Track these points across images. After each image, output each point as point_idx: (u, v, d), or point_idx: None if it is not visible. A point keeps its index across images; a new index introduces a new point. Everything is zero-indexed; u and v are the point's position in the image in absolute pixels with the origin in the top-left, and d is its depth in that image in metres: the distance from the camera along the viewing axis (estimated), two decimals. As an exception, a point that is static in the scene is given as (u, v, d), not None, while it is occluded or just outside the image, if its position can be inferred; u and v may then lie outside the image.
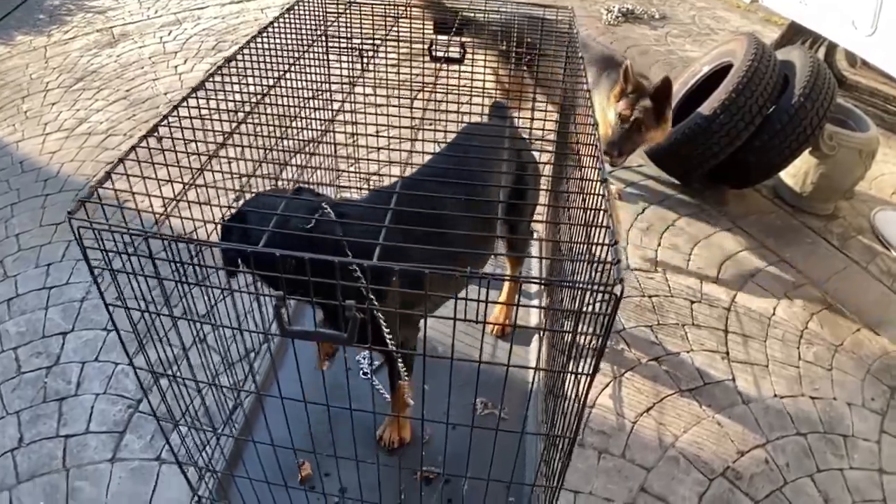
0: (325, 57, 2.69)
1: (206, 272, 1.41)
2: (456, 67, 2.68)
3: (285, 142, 2.18)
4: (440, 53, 2.59)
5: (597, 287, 1.21)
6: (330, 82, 2.73)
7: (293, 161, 2.26)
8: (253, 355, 2.34)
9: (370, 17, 2.62)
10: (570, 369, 1.44)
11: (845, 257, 3.34)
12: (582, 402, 1.43)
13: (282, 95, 2.13)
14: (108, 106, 4.64)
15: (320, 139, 1.94)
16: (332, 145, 2.78)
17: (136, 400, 2.50)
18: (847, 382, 2.68)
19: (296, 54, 2.32)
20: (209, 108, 1.87)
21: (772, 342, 2.83)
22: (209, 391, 1.85)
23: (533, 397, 2.37)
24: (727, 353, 2.76)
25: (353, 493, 1.79)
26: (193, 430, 1.86)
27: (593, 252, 1.40)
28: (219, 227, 1.58)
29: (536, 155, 2.39)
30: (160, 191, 1.53)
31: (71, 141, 4.23)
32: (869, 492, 2.30)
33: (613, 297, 1.18)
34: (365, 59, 2.68)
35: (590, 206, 1.53)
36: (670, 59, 5.28)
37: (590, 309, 1.30)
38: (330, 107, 2.82)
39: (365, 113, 2.50)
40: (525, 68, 2.93)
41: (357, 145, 2.48)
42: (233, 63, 2.02)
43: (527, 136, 2.40)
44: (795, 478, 2.31)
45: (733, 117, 3.29)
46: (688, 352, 2.76)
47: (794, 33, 4.52)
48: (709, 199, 3.71)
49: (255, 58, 2.16)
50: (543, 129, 2.35)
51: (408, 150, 1.77)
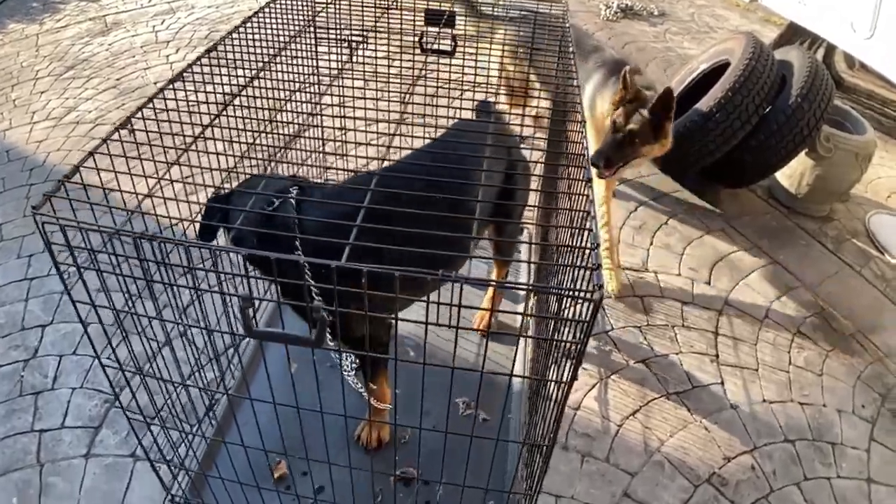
0: (312, 47, 2.64)
1: (171, 271, 1.36)
2: (447, 60, 2.64)
3: (269, 133, 2.13)
4: (432, 45, 2.54)
5: (574, 293, 1.16)
6: (318, 73, 2.67)
7: (277, 155, 2.21)
8: (229, 355, 2.30)
9: (359, 6, 2.56)
10: (548, 377, 1.40)
11: (839, 261, 3.29)
12: (560, 410, 1.38)
13: (264, 88, 2.08)
14: (97, 95, 4.58)
15: (302, 134, 1.89)
16: (319, 139, 2.72)
17: (112, 395, 2.46)
18: (838, 389, 2.64)
19: (282, 44, 2.26)
20: (187, 101, 1.83)
21: (762, 346, 2.79)
22: (182, 391, 1.81)
23: (516, 399, 2.33)
24: (717, 356, 2.72)
25: (329, 493, 1.74)
26: (165, 430, 1.83)
27: (575, 256, 1.35)
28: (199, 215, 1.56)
29: (529, 154, 2.34)
30: (133, 185, 1.49)
31: (58, 130, 4.17)
32: (856, 502, 2.26)
33: (592, 304, 1.13)
34: (353, 50, 2.64)
35: (573, 208, 1.48)
36: (668, 57, 5.22)
37: (568, 314, 1.26)
38: (317, 99, 2.76)
39: (354, 107, 2.45)
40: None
41: (345, 141, 2.43)
42: (215, 53, 1.98)
43: (519, 135, 2.34)
44: (782, 486, 2.26)
45: (729, 116, 3.23)
46: (676, 354, 2.72)
47: (793, 34, 4.46)
48: (702, 198, 3.66)
49: (240, 48, 2.12)
50: (535, 126, 2.31)
51: (396, 147, 1.73)
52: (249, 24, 2.22)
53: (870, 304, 3.06)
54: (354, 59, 2.64)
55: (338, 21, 2.60)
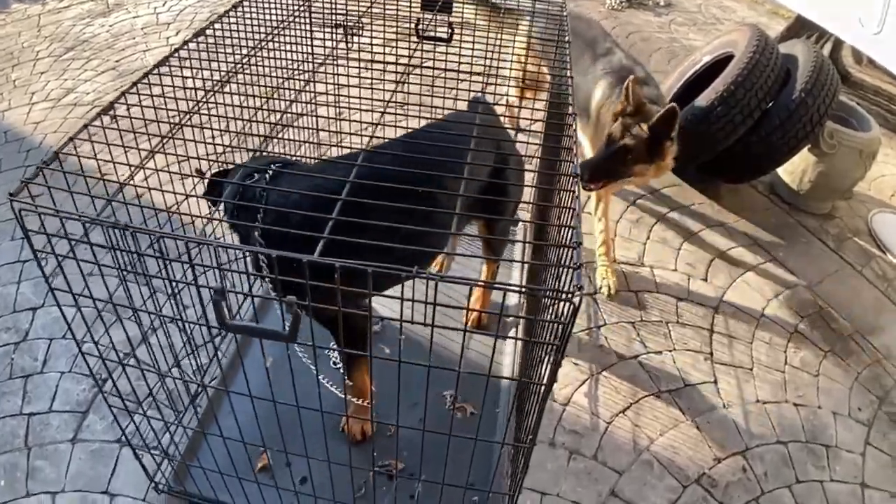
0: (306, 32, 2.60)
1: (144, 261, 1.34)
2: (443, 47, 2.60)
3: (260, 122, 2.10)
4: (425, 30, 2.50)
5: (553, 293, 1.12)
6: (313, 58, 2.62)
7: (268, 139, 2.18)
8: (213, 346, 2.28)
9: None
10: (533, 378, 1.37)
11: (840, 259, 3.25)
12: (539, 411, 1.35)
13: (254, 75, 2.04)
14: (96, 76, 4.55)
15: (292, 123, 1.86)
16: (311, 129, 2.68)
17: (101, 380, 2.44)
18: (834, 390, 2.59)
19: (273, 29, 2.23)
20: (173, 87, 1.81)
21: (758, 344, 2.75)
22: (163, 381, 1.80)
23: (505, 392, 2.30)
24: (711, 354, 2.68)
25: (311, 484, 1.72)
26: (148, 419, 1.82)
27: (560, 255, 1.31)
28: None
29: (525, 148, 2.29)
30: (116, 172, 1.46)
31: (56, 111, 4.15)
32: (849, 506, 2.23)
33: (571, 306, 1.10)
34: (348, 35, 2.60)
35: (560, 205, 1.45)
36: (673, 48, 5.15)
37: (551, 314, 1.22)
38: (311, 87, 2.72)
39: (348, 95, 2.41)
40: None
41: (336, 131, 2.40)
42: (211, 34, 1.95)
43: (518, 127, 2.29)
44: (773, 488, 2.23)
45: (731, 110, 3.18)
46: (670, 351, 2.68)
47: (801, 27, 4.39)
48: (702, 193, 3.61)
49: (232, 31, 2.08)
50: (532, 119, 2.25)
51: (379, 136, 1.69)
52: (240, 10, 2.19)
53: (870, 304, 3.01)
54: (349, 44, 2.61)
55: (333, 5, 2.56)
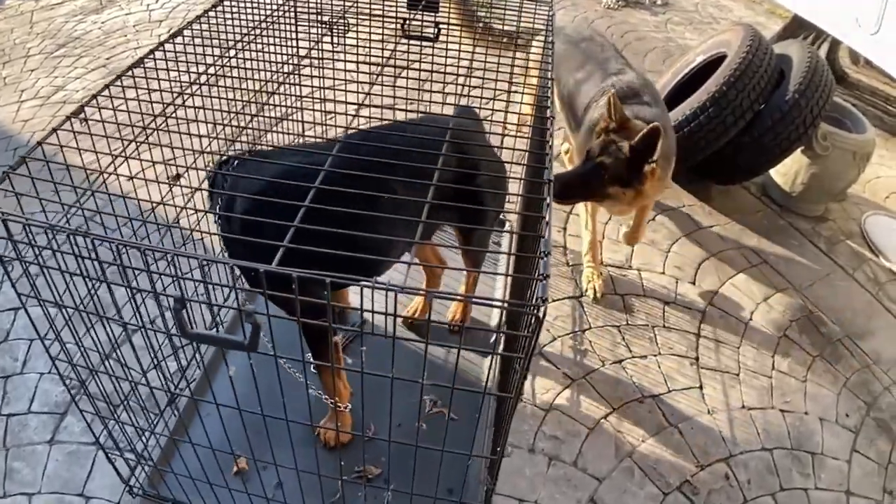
0: (292, 30, 2.58)
1: (101, 266, 1.32)
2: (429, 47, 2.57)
3: (231, 126, 2.08)
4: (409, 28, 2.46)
5: (515, 305, 1.09)
6: (299, 57, 2.59)
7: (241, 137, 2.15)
8: (186, 354, 2.26)
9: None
10: (503, 390, 1.33)
11: (832, 262, 3.20)
12: (507, 424, 1.32)
13: (232, 77, 2.01)
14: (86, 74, 4.52)
15: (271, 116, 1.84)
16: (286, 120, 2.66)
17: (79, 381, 2.42)
18: (821, 396, 2.55)
19: (254, 27, 2.21)
20: (148, 89, 1.79)
21: (745, 349, 2.70)
22: (134, 389, 1.79)
23: (488, 398, 2.27)
24: (697, 359, 2.64)
25: (287, 487, 1.70)
26: (119, 425, 1.82)
27: (532, 265, 1.28)
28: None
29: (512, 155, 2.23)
30: (86, 174, 1.45)
31: (45, 109, 4.12)
32: (833, 515, 2.19)
33: (535, 319, 1.06)
34: (334, 33, 2.57)
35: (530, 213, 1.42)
36: (668, 47, 5.11)
37: (523, 328, 1.19)
38: (292, 88, 2.69)
39: (334, 99, 2.38)
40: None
41: (323, 122, 2.36)
42: (180, 39, 1.94)
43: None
44: (756, 496, 2.18)
45: (722, 111, 3.14)
46: (655, 355, 2.64)
47: (798, 27, 4.34)
48: (692, 194, 3.56)
49: (213, 31, 2.07)
50: (518, 123, 2.21)
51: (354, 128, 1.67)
52: (220, 9, 2.17)
53: (861, 308, 2.96)
54: (334, 43, 2.58)
55: (319, 4, 2.53)
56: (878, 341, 2.81)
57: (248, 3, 2.30)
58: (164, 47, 1.85)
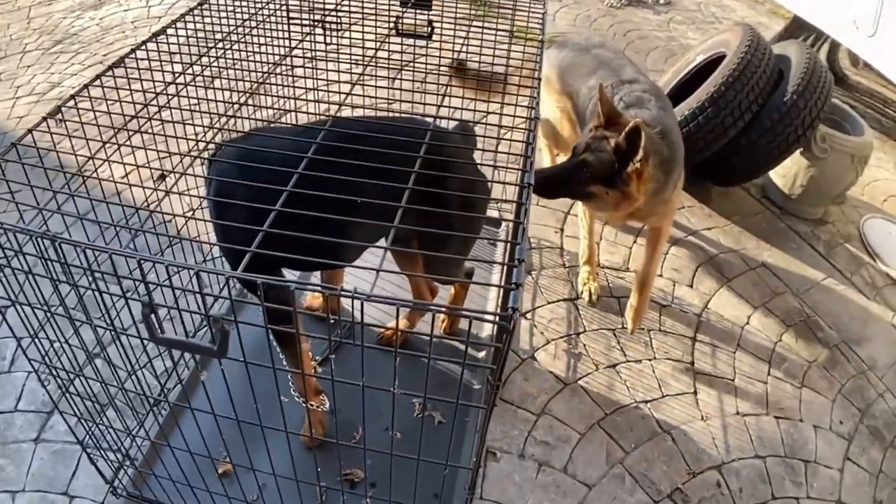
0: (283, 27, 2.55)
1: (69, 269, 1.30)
2: (423, 44, 2.53)
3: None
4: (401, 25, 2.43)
5: (485, 316, 1.06)
6: (281, 56, 2.57)
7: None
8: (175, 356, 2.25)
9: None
10: (461, 401, 1.30)
11: (830, 266, 3.16)
12: (482, 435, 1.29)
13: (219, 78, 1.99)
14: (82, 71, 4.49)
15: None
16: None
17: (67, 380, 2.41)
18: (817, 403, 2.52)
19: (242, 23, 2.19)
20: (129, 88, 1.78)
21: (741, 354, 2.67)
22: (110, 399, 1.78)
23: (476, 401, 2.25)
24: (692, 364, 2.61)
25: (270, 490, 1.68)
26: (100, 428, 1.82)
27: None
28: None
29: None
30: (64, 176, 1.43)
31: (41, 106, 4.09)
32: (824, 524, 2.16)
33: (505, 330, 1.03)
34: (326, 30, 2.54)
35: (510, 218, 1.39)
36: (671, 47, 5.07)
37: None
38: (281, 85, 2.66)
39: (319, 96, 2.35)
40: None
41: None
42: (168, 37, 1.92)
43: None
44: (747, 505, 2.16)
45: (721, 112, 3.10)
46: (650, 360, 2.61)
47: (798, 27, 4.29)
48: (691, 195, 3.52)
49: (195, 31, 2.05)
50: (513, 126, 2.15)
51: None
52: (209, 5, 2.15)
53: (857, 313, 2.93)
54: (326, 41, 2.55)
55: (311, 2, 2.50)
56: (873, 347, 2.78)
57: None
58: (146, 46, 1.83)
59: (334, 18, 2.50)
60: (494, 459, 2.21)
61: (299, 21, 2.54)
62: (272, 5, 2.48)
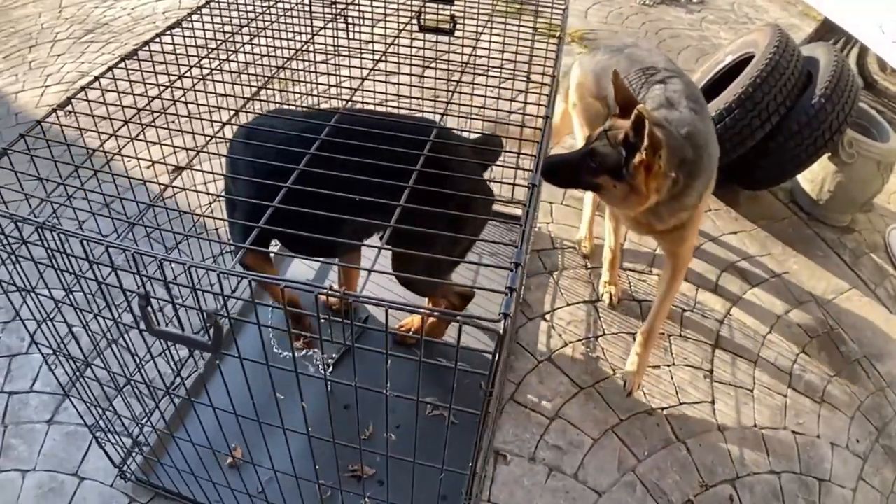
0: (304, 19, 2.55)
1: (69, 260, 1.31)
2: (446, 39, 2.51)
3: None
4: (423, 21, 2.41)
5: (476, 322, 1.03)
6: (312, 45, 2.56)
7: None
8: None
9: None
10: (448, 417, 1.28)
11: (855, 276, 3.08)
12: (476, 446, 1.26)
13: (237, 72, 1.99)
14: (112, 60, 4.52)
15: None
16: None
17: (83, 364, 2.44)
18: (835, 419, 2.45)
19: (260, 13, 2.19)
20: (131, 82, 1.79)
21: (762, 364, 2.61)
22: (119, 392, 1.80)
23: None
24: (711, 372, 2.55)
25: (281, 482, 1.67)
26: (107, 414, 1.84)
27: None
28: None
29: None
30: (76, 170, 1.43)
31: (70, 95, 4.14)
32: (834, 545, 2.10)
33: (496, 335, 1.01)
34: (347, 23, 2.53)
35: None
36: (702, 46, 4.98)
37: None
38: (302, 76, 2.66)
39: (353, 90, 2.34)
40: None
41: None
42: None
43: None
44: (759, 521, 2.11)
45: (748, 113, 3.03)
46: (668, 366, 2.56)
47: (829, 30, 4.19)
48: (718, 198, 3.45)
49: (212, 24, 2.05)
50: (535, 127, 2.09)
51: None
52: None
53: (880, 326, 2.84)
54: (349, 33, 2.54)
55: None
56: (894, 363, 2.71)
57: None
58: (160, 39, 1.83)
59: (356, 12, 2.49)
60: (504, 462, 2.19)
61: (321, 14, 2.53)
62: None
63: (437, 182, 1.35)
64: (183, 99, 1.73)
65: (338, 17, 2.42)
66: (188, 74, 1.78)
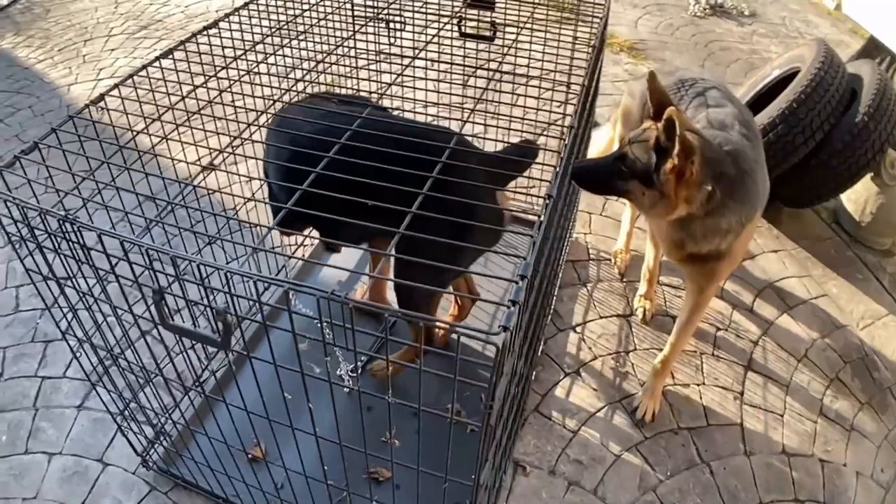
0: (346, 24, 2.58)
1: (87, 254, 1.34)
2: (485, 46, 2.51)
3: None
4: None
5: (475, 334, 1.02)
6: (356, 51, 2.57)
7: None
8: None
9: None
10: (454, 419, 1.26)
11: (893, 302, 2.98)
12: (480, 458, 1.26)
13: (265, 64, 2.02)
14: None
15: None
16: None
17: (116, 353, 2.49)
18: (863, 448, 2.38)
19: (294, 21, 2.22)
20: (178, 81, 1.82)
21: (795, 388, 2.54)
22: (138, 390, 1.88)
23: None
24: (741, 394, 2.50)
25: (299, 480, 1.69)
26: (131, 405, 1.91)
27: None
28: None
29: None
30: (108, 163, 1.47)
31: (121, 90, 4.23)
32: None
33: (496, 347, 1.00)
34: (392, 29, 2.55)
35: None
36: (752, 60, 4.89)
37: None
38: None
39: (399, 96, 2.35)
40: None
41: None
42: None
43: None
44: (778, 552, 2.06)
45: (791, 129, 2.97)
46: (698, 385, 2.52)
47: (875, 48, 4.05)
48: (762, 215, 3.36)
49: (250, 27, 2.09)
50: (562, 137, 2.05)
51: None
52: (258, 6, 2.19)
53: (915, 354, 2.75)
54: (391, 41, 2.56)
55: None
56: (927, 393, 2.61)
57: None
58: (196, 39, 1.87)
59: (397, 15, 2.50)
60: (524, 474, 2.17)
61: (363, 16, 2.55)
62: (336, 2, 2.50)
63: (435, 209, 1.31)
64: (219, 100, 1.76)
65: (378, 19, 2.44)
66: (220, 75, 1.81)
